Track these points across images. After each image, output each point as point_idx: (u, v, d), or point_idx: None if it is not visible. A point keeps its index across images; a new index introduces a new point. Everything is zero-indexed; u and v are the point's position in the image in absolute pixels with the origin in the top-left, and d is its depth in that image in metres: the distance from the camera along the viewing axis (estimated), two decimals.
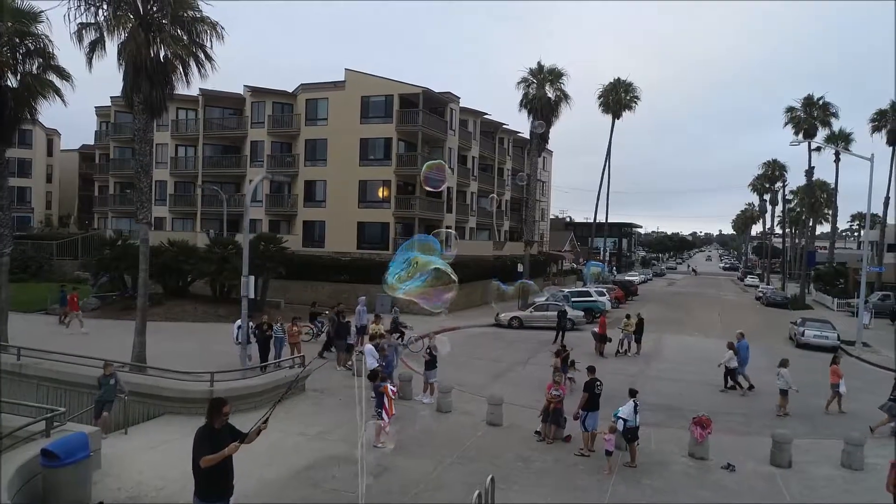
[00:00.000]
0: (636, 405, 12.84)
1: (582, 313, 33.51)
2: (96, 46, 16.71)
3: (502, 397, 15.30)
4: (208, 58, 17.98)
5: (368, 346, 16.84)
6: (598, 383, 13.57)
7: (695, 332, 33.57)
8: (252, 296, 17.21)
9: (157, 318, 29.61)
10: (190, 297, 33.67)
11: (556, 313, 29.64)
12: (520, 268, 40.20)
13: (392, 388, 13.10)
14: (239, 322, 18.38)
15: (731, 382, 20.51)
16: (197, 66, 17.55)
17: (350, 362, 20.39)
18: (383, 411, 13.02)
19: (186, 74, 17.73)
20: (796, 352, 29.50)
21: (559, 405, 13.93)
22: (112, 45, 16.89)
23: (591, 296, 37.80)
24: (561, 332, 28.14)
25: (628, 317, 26.27)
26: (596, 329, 26.11)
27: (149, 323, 28.50)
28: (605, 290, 40.07)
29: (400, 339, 24.10)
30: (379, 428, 13.04)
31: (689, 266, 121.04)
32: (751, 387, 20.50)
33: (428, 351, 17.36)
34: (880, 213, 52.48)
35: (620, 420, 12.72)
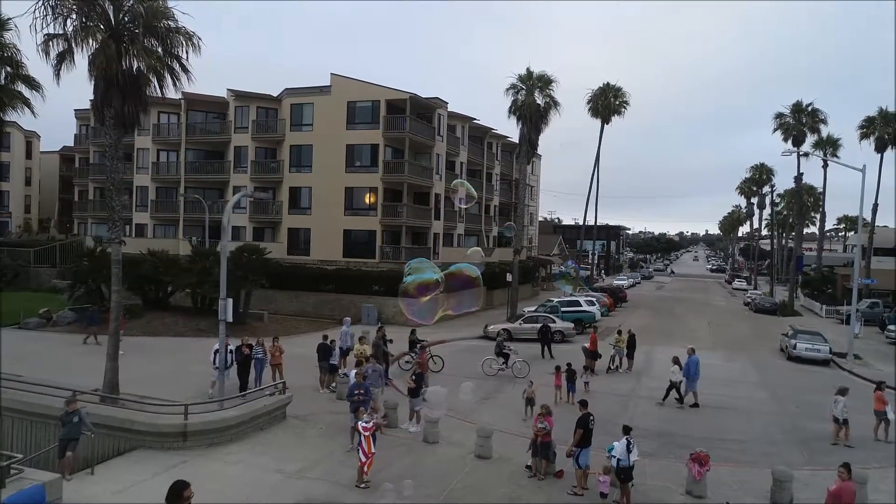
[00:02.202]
0: (629, 443, 12.23)
1: (572, 325, 32.94)
2: (65, 58, 15.87)
3: (492, 430, 14.67)
4: (184, 69, 17.18)
5: (352, 373, 16.13)
6: (592, 418, 12.99)
7: (685, 344, 33.01)
8: (230, 319, 16.45)
9: (136, 333, 28.72)
10: (170, 308, 32.77)
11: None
12: (508, 277, 39.62)
13: (364, 423, 12.37)
14: (217, 346, 17.59)
15: (677, 395, 20.27)
16: (172, 78, 16.75)
17: (334, 384, 19.69)
18: (360, 450, 12.34)
19: (161, 87, 16.91)
20: (788, 365, 29.20)
21: (547, 438, 13.30)
22: (82, 57, 16.08)
23: (581, 305, 37.26)
24: (547, 347, 27.60)
25: (619, 332, 25.74)
26: (586, 345, 25.50)
27: (126, 338, 27.79)
28: (595, 300, 39.55)
29: (504, 364, 23.22)
30: (359, 468, 12.38)
31: (668, 268, 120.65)
32: (695, 404, 20.15)
33: (413, 377, 16.68)
34: (865, 215, 52.55)
35: (614, 458, 12.15)
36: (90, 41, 15.39)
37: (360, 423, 12.53)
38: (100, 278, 31.39)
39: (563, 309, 36.20)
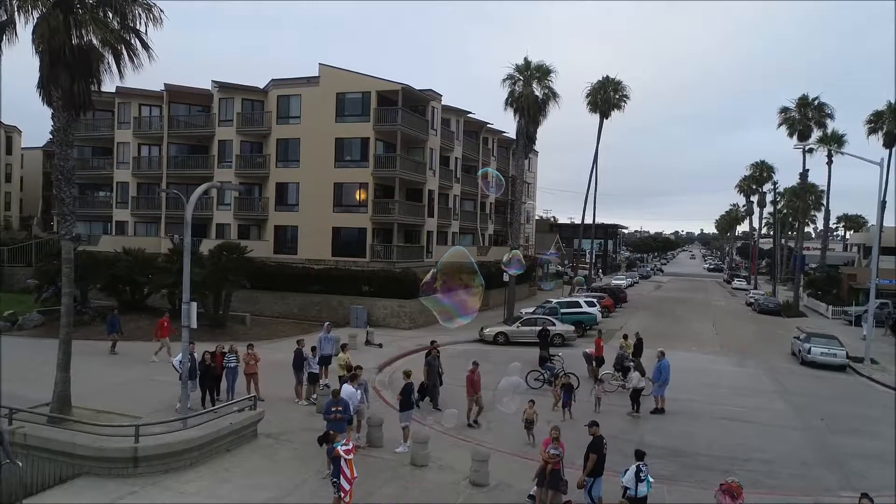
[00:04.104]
0: (639, 470, 10.46)
1: (572, 327, 31.17)
2: (5, 31, 14.02)
3: (488, 452, 12.88)
4: (145, 46, 15.35)
5: (349, 389, 14.25)
6: (605, 442, 11.22)
7: (692, 347, 31.45)
8: (194, 326, 14.61)
9: (107, 337, 26.84)
10: (147, 311, 30.82)
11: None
12: (505, 277, 37.78)
13: (345, 447, 10.57)
14: (180, 356, 15.73)
15: (655, 406, 18.82)
16: (129, 54, 14.90)
17: (314, 395, 17.87)
18: (341, 478, 10.53)
19: (119, 65, 15.07)
20: (801, 370, 27.57)
21: (557, 466, 11.53)
22: (25, 30, 14.23)
23: (581, 306, 35.53)
24: (545, 352, 25.84)
25: (625, 336, 23.97)
26: (589, 350, 23.76)
27: (97, 343, 26.00)
28: (595, 300, 37.80)
29: (623, 381, 20.81)
30: (335, 502, 10.56)
31: (654, 269, 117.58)
32: (661, 409, 18.79)
33: (402, 391, 14.89)
34: (865, 214, 51.17)
35: (623, 488, 10.44)
36: (31, 10, 13.51)
37: (337, 446, 10.68)
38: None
39: (562, 310, 34.48)
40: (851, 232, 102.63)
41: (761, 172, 78.88)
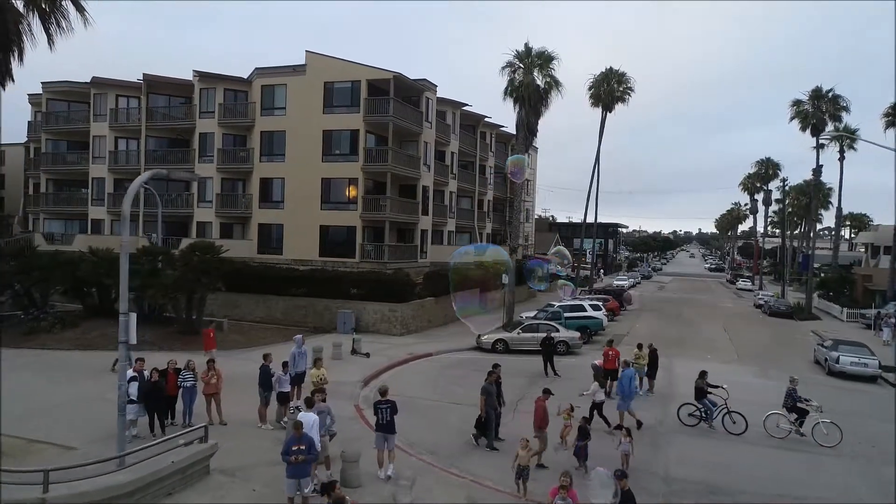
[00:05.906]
0: None
1: (577, 334, 28.72)
2: None
3: (486, 497, 10.45)
4: (79, 8, 12.98)
5: (311, 416, 11.78)
6: None
7: (706, 355, 29.05)
8: (133, 341, 12.23)
9: (67, 346, 24.44)
10: (114, 316, 28.16)
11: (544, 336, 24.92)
12: (504, 279, 35.33)
13: None
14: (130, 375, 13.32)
15: (602, 417, 16.63)
16: (56, 17, 12.47)
17: (285, 419, 15.42)
18: None
19: (47, 28, 12.67)
20: (829, 381, 25.19)
21: None
22: None
23: (586, 310, 33.10)
24: (549, 364, 23.52)
25: (640, 346, 21.55)
26: (597, 361, 21.28)
27: (55, 352, 23.58)
28: (600, 304, 35.39)
29: (799, 423, 16.97)
30: None
31: (650, 266, 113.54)
32: (620, 426, 16.16)
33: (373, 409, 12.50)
34: (869, 213, 48.90)
35: None
36: None
37: None
38: (28, 281, 27.16)
39: (566, 315, 32.02)
40: (856, 231, 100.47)
41: (767, 170, 76.71)
